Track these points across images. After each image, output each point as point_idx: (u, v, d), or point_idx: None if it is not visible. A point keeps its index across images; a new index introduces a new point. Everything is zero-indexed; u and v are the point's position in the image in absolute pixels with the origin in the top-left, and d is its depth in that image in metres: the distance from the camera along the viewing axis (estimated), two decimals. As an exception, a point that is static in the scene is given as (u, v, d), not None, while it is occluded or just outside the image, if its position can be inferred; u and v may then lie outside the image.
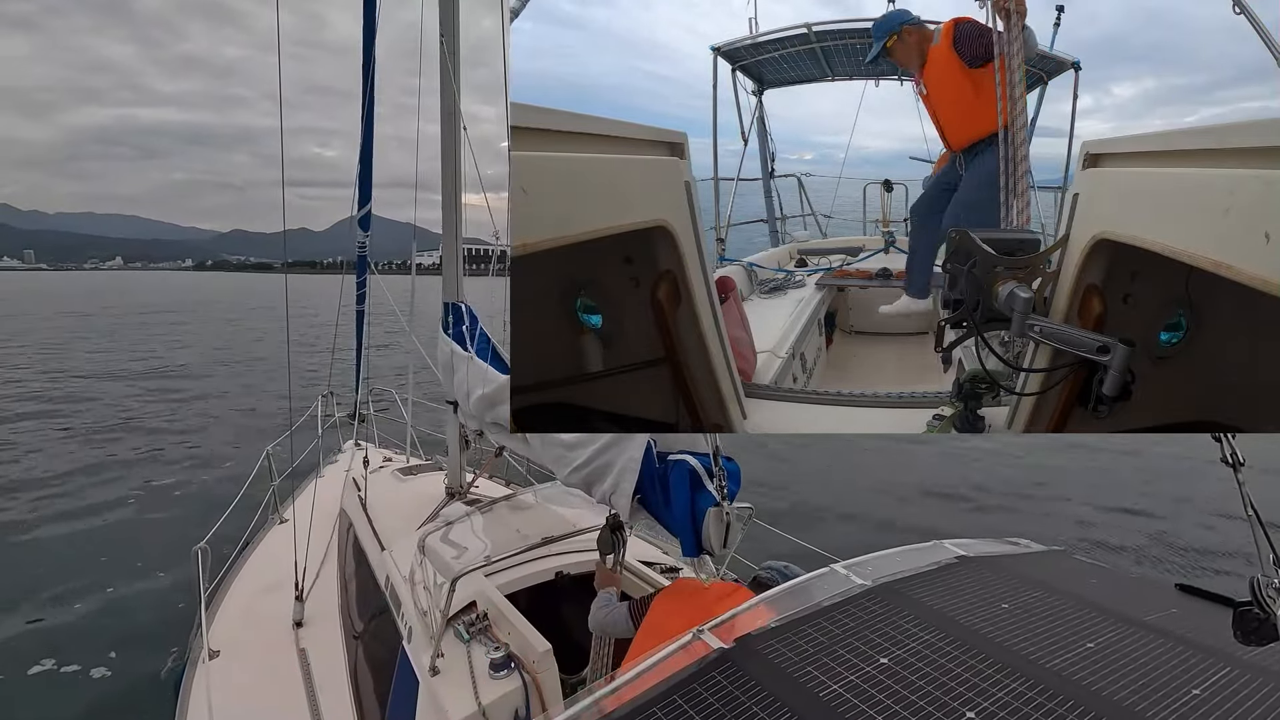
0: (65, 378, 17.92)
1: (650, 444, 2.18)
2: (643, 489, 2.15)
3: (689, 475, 2.02)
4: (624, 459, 2.18)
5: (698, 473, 2.02)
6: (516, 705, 2.21)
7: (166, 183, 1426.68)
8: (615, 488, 2.19)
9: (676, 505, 2.03)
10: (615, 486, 2.19)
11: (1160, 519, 8.16)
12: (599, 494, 2.29)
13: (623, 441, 2.21)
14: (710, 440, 2.03)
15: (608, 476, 2.23)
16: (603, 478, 2.25)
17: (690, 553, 2.02)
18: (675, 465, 2.05)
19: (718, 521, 1.91)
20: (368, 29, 5.01)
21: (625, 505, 2.18)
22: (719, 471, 1.96)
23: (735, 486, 2.02)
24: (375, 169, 5.50)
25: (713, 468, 1.99)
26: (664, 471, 2.10)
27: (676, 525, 2.05)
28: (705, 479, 2.00)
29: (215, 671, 3.16)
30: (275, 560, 4.09)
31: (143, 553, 6.90)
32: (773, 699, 1.29)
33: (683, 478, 2.02)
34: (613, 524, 2.29)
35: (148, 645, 5.09)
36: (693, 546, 2.00)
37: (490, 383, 3.07)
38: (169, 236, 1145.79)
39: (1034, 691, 1.26)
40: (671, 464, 2.08)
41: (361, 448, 5.60)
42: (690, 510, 2.00)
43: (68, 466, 9.96)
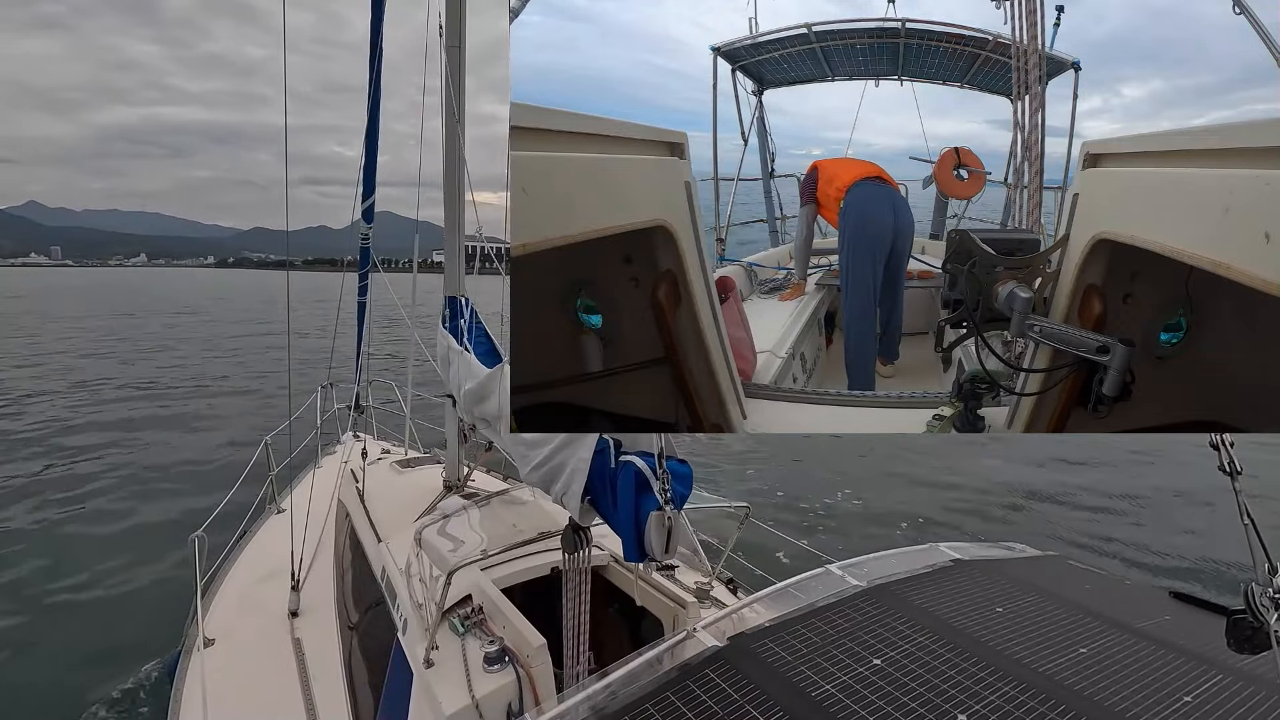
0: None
1: (608, 444, 2.10)
2: (594, 490, 2.09)
3: (635, 477, 1.93)
4: (575, 459, 2.11)
5: (644, 475, 1.93)
6: (510, 699, 2.21)
7: (190, 180, 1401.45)
8: (566, 489, 2.14)
9: (621, 508, 1.95)
10: (566, 487, 2.14)
11: (1159, 522, 8.15)
12: (554, 494, 2.24)
13: (576, 441, 2.15)
14: (657, 441, 1.93)
15: (561, 476, 2.17)
16: (557, 477, 2.19)
17: (631, 557, 1.94)
18: (623, 467, 1.98)
19: (659, 526, 1.83)
20: (375, 21, 5.01)
21: (575, 506, 2.13)
22: (663, 474, 1.87)
23: (684, 490, 1.94)
24: (392, 168, 5.49)
25: (657, 469, 1.89)
26: (615, 473, 2.03)
27: (620, 528, 1.97)
28: (652, 480, 1.91)
29: (210, 659, 3.17)
30: (272, 550, 4.10)
31: (140, 540, 6.93)
32: (765, 697, 1.30)
33: (629, 480, 1.94)
34: (574, 523, 2.27)
35: (143, 632, 5.11)
36: (635, 551, 1.92)
37: (475, 377, 3.05)
38: (192, 234, 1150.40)
39: (1026, 695, 1.26)
40: (620, 465, 2.00)
41: (360, 439, 5.60)
42: (634, 514, 1.92)
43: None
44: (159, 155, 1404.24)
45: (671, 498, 1.87)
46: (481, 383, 2.94)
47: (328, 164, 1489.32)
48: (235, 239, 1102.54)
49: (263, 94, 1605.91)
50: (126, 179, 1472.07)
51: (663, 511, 1.84)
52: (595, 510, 2.14)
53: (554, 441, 2.23)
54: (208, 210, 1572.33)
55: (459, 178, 3.97)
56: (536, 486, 2.38)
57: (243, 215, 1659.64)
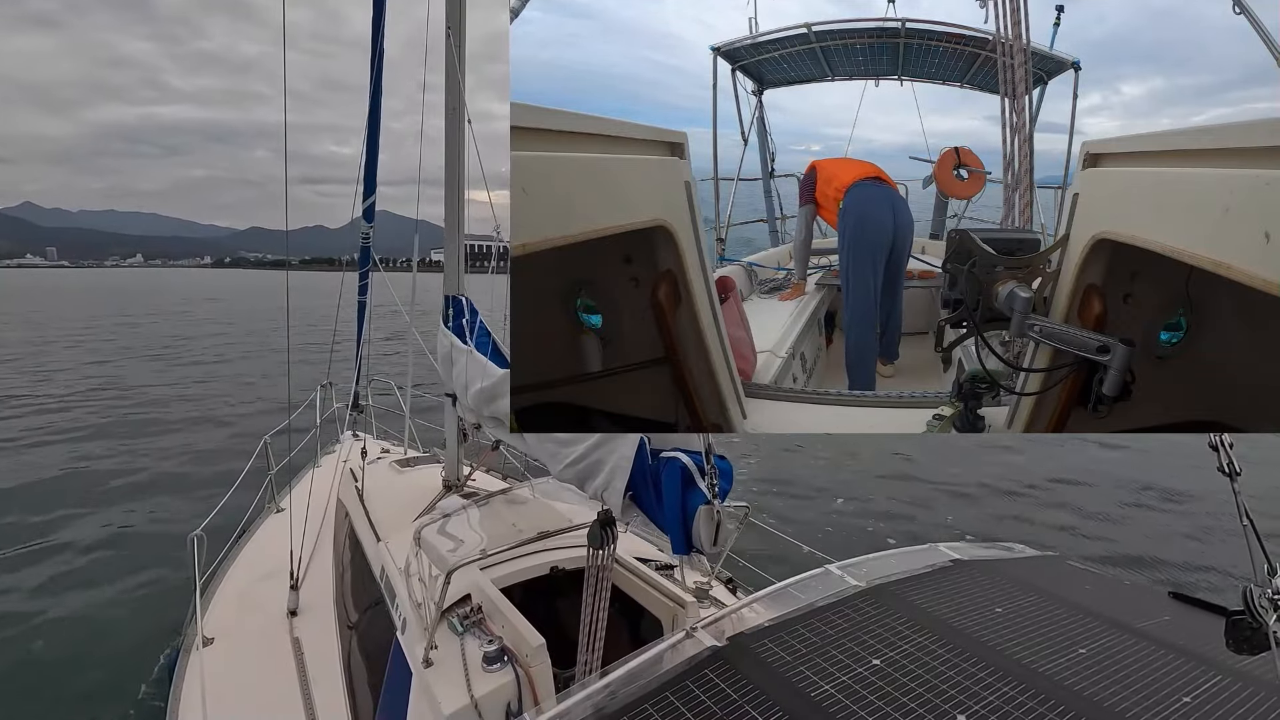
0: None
1: (644, 441, 2.17)
2: (635, 486, 2.14)
3: (681, 473, 2.00)
4: (616, 456, 2.17)
5: (690, 470, 1.99)
6: (509, 699, 2.21)
7: (187, 179, 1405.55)
8: (608, 484, 2.19)
9: (668, 503, 2.01)
10: (608, 483, 2.19)
11: (1157, 524, 8.16)
12: (591, 490, 2.29)
13: (615, 439, 2.21)
14: (704, 438, 2.02)
15: (600, 473, 2.23)
16: (595, 474, 2.25)
17: (680, 550, 2.00)
18: (668, 463, 2.04)
19: (708, 520, 1.89)
20: (376, 17, 5.00)
21: (618, 502, 2.18)
22: (711, 469, 1.94)
23: (727, 485, 1.99)
24: (390, 166, 5.49)
25: (705, 466, 1.97)
26: (656, 469, 2.09)
27: (667, 523, 2.03)
28: (697, 477, 1.97)
29: (209, 658, 3.18)
30: (271, 549, 4.10)
31: (139, 540, 6.92)
32: (764, 698, 1.30)
33: (674, 475, 2.00)
34: (603, 519, 2.29)
35: (142, 631, 5.11)
36: (683, 544, 1.99)
37: (489, 376, 3.06)
38: (188, 234, 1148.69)
39: (1025, 696, 1.26)
40: (664, 461, 2.06)
41: (359, 438, 5.60)
42: (681, 508, 1.98)
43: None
44: (155, 154, 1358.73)
45: (717, 493, 1.92)
46: (496, 382, 2.96)
47: (325, 163, 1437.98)
48: (232, 239, 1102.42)
49: (259, 91, 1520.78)
50: (123, 178, 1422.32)
51: (711, 505, 1.89)
52: (636, 506, 2.19)
53: (590, 440, 2.27)
54: (204, 210, 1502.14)
55: (460, 174, 3.97)
56: (569, 483, 2.41)
57: (239, 215, 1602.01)
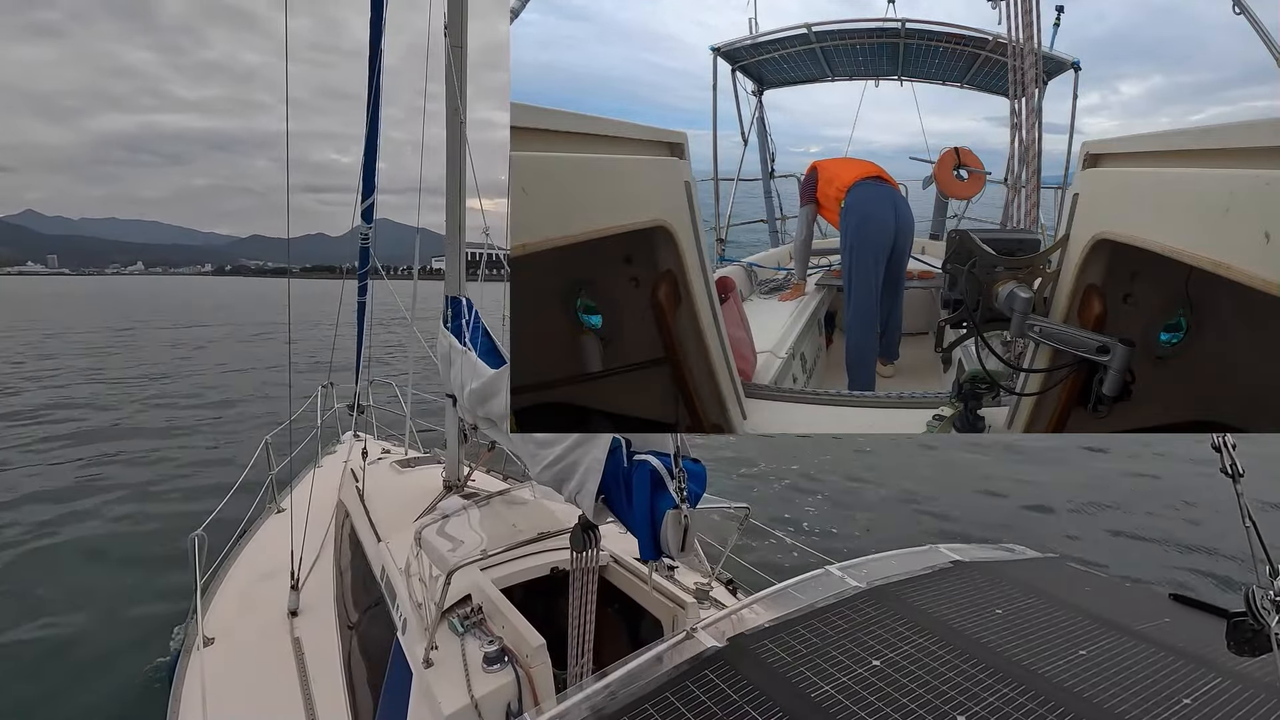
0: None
1: (620, 443, 2.13)
2: (607, 489, 2.10)
3: (650, 476, 1.95)
4: (589, 459, 2.13)
5: (659, 474, 1.95)
6: (509, 699, 2.21)
7: (188, 188, 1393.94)
8: (580, 487, 2.15)
9: (636, 506, 1.97)
10: (580, 486, 2.15)
11: (1157, 525, 8.15)
12: (567, 493, 2.25)
13: (589, 441, 2.16)
14: (674, 440, 1.97)
15: (574, 475, 2.18)
16: (570, 476, 2.21)
17: (647, 555, 1.95)
18: (638, 466, 2.00)
19: (675, 524, 1.85)
20: (374, 21, 4.99)
21: (589, 505, 2.14)
22: (679, 473, 1.90)
23: (698, 488, 1.96)
24: (389, 174, 5.49)
25: (673, 469, 1.92)
26: (629, 472, 2.05)
27: (635, 527, 1.99)
28: (667, 480, 1.93)
29: (210, 658, 3.18)
30: (272, 549, 4.10)
31: (141, 539, 6.92)
32: (764, 698, 1.30)
33: (644, 478, 1.96)
34: (584, 522, 2.28)
35: (143, 631, 5.11)
36: (650, 549, 1.94)
37: (480, 377, 3.06)
38: (189, 241, 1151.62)
39: (1025, 697, 1.26)
40: (635, 464, 2.02)
41: (360, 439, 5.61)
42: (650, 512, 1.94)
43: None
44: (156, 162, 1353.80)
45: (687, 496, 1.88)
46: (486, 383, 2.95)
47: (325, 171, 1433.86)
48: (232, 246, 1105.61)
49: (260, 100, 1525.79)
50: (124, 186, 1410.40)
51: (679, 509, 1.86)
52: (609, 509, 2.15)
53: (566, 441, 2.23)
54: (205, 218, 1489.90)
55: (461, 176, 3.98)
56: (548, 485, 2.38)
57: (240, 222, 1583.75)
